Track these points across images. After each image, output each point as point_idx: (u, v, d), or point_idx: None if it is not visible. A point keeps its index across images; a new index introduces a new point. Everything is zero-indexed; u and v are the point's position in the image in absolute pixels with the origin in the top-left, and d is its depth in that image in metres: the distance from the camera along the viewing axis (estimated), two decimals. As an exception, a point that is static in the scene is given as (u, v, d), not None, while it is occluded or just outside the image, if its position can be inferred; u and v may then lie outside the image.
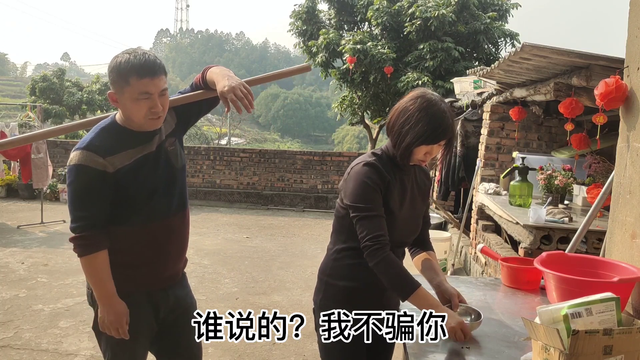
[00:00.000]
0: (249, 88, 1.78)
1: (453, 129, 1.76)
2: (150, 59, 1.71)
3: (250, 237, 7.40)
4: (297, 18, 11.52)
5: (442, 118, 1.72)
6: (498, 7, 10.54)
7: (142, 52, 1.73)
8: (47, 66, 77.39)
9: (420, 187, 1.93)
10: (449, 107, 1.78)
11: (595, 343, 1.22)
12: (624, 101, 1.84)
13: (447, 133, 1.73)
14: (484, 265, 4.65)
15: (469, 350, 1.59)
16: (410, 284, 1.69)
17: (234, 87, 1.74)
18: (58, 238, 6.75)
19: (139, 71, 1.68)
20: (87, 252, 1.76)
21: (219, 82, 1.79)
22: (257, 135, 58.79)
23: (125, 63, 1.69)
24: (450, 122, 1.75)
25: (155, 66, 1.71)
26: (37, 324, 3.96)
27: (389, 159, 1.82)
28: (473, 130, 6.15)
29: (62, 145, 10.79)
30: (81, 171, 1.73)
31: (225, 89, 1.75)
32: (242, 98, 1.74)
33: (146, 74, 1.69)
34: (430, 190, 1.93)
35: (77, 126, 2.15)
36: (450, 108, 1.79)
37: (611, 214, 1.87)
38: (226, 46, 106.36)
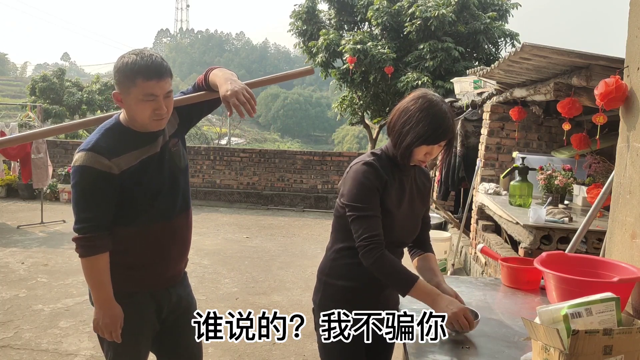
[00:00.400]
0: (252, 93, 1.79)
1: (453, 130, 1.77)
2: (157, 61, 1.72)
3: (250, 237, 7.40)
4: (297, 18, 11.52)
5: (443, 119, 1.72)
6: (498, 7, 10.54)
7: (149, 53, 1.74)
8: (47, 66, 77.41)
9: (419, 189, 1.93)
10: (449, 107, 1.78)
11: (595, 343, 1.22)
12: (624, 101, 1.84)
13: (447, 134, 1.74)
14: (484, 265, 4.65)
15: (468, 350, 1.59)
16: (408, 278, 1.70)
17: (237, 91, 1.75)
18: (58, 238, 6.75)
19: (145, 73, 1.69)
20: (90, 254, 1.76)
21: (222, 86, 1.80)
22: (257, 135, 58.84)
23: (132, 64, 1.69)
24: (451, 123, 1.75)
25: (162, 68, 1.72)
26: (37, 324, 3.97)
27: (389, 159, 1.83)
28: (473, 130, 6.15)
29: (62, 146, 10.79)
30: (86, 172, 1.73)
31: (228, 93, 1.76)
32: (245, 103, 1.75)
33: (153, 76, 1.70)
34: (431, 192, 1.93)
35: (78, 125, 2.15)
36: (450, 109, 1.80)
37: (611, 214, 1.87)
38: (226, 46, 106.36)
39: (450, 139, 1.77)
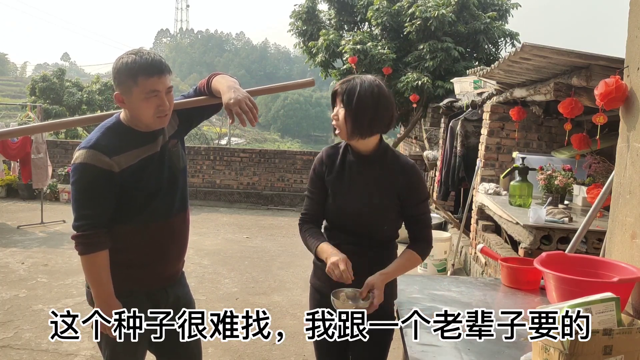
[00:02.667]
0: (254, 102, 1.82)
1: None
2: (156, 58, 1.75)
3: (250, 237, 7.40)
4: (297, 18, 11.51)
5: None
6: (498, 7, 10.53)
7: (146, 51, 1.77)
8: (47, 66, 77.34)
9: (380, 181, 1.90)
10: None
11: (595, 343, 1.22)
12: (624, 101, 1.84)
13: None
14: (484, 266, 4.65)
15: (469, 351, 1.59)
16: (312, 245, 1.93)
17: (240, 100, 1.78)
18: (58, 238, 6.75)
19: (146, 70, 1.71)
20: (89, 251, 1.77)
21: (225, 93, 1.82)
22: (257, 135, 58.84)
23: (132, 63, 1.72)
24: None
25: (161, 65, 1.75)
26: (37, 324, 3.97)
27: (345, 148, 1.96)
28: (473, 130, 6.15)
29: (62, 146, 10.78)
30: (87, 170, 1.74)
31: (231, 101, 1.78)
32: (247, 112, 1.78)
33: (154, 72, 1.72)
34: (409, 189, 1.88)
35: (78, 121, 2.16)
36: None
37: (611, 214, 1.87)
38: (226, 46, 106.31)
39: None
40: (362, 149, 1.90)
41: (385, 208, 1.90)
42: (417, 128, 10.96)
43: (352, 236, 1.92)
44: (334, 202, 1.94)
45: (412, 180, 1.90)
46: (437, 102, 8.44)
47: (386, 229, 1.93)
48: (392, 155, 1.93)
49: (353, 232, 1.93)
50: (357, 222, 1.92)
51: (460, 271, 5.69)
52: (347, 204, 1.92)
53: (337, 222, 1.96)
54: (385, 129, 1.89)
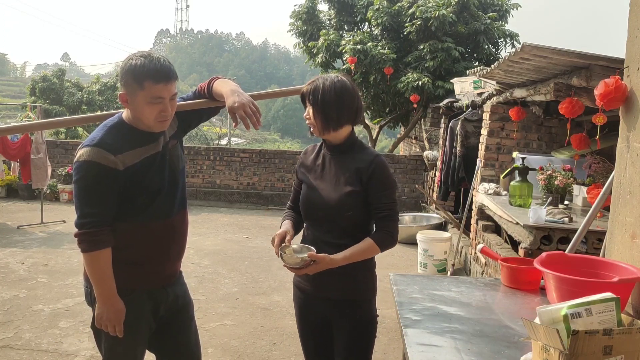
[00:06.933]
0: (257, 106, 1.85)
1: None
2: (165, 65, 1.76)
3: (250, 237, 7.40)
4: (297, 18, 11.52)
5: None
6: (498, 7, 10.54)
7: (156, 56, 1.78)
8: (47, 66, 77.36)
9: (347, 168, 1.97)
10: None
11: (595, 343, 1.22)
12: (624, 101, 1.84)
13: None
14: (484, 266, 4.65)
15: (469, 351, 1.59)
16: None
17: (244, 104, 1.81)
18: (58, 238, 6.75)
19: (154, 76, 1.73)
20: (93, 249, 1.77)
21: (229, 97, 1.85)
22: (257, 135, 58.80)
23: (140, 67, 1.73)
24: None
25: (170, 72, 1.77)
26: (37, 324, 3.96)
27: (322, 144, 2.07)
28: (473, 131, 6.15)
29: (62, 146, 10.78)
30: (92, 167, 1.75)
31: (235, 105, 1.81)
32: (251, 115, 1.82)
33: (161, 79, 1.74)
34: (368, 177, 1.94)
35: (80, 120, 2.16)
36: None
37: (611, 214, 1.87)
38: (226, 46, 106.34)
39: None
40: (334, 141, 2.01)
41: (350, 193, 1.95)
42: (417, 128, 10.97)
43: (321, 224, 2.00)
44: (305, 191, 2.06)
45: (375, 169, 1.96)
46: (437, 102, 8.44)
47: (351, 215, 1.95)
48: (359, 145, 2.04)
49: (322, 219, 1.99)
50: (325, 207, 1.96)
51: (460, 271, 5.69)
52: (315, 192, 2.01)
53: (308, 211, 2.04)
54: (354, 118, 1.99)
